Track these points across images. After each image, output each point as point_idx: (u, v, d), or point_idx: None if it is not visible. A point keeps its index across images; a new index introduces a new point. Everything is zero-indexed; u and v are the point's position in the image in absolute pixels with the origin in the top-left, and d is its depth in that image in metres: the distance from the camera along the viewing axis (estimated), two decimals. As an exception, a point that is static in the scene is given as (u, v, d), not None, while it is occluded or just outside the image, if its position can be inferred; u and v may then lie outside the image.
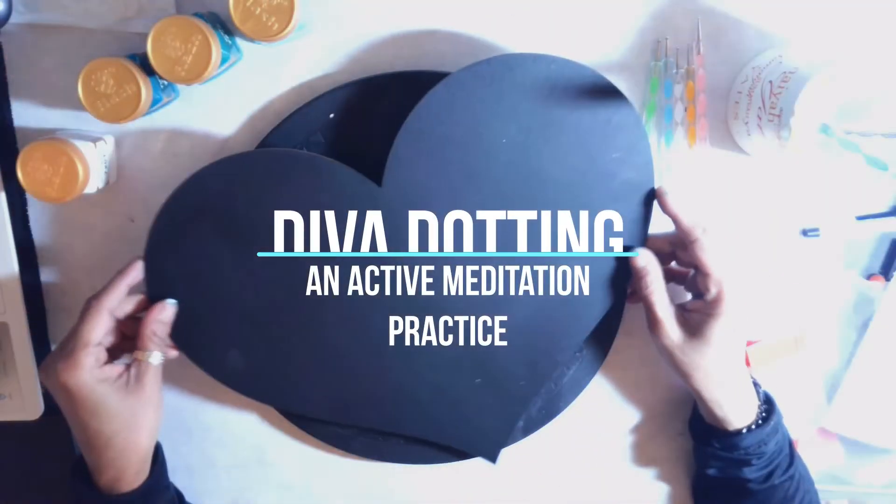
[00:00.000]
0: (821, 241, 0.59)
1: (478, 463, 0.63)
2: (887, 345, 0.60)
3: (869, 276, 0.60)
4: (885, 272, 0.60)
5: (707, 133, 0.56)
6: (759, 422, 0.55)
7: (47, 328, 0.61)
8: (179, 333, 0.56)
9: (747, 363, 0.61)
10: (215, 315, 0.56)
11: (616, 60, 0.55)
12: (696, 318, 0.54)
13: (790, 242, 0.59)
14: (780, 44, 0.54)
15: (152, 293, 0.55)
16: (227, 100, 0.57)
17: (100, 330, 0.51)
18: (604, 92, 0.53)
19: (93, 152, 0.53)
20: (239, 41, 0.55)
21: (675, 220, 0.53)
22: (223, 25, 0.53)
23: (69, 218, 0.59)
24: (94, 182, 0.54)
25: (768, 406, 0.56)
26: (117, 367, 0.53)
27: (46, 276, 0.60)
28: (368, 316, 0.57)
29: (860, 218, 0.58)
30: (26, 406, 0.60)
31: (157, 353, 0.53)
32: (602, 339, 0.60)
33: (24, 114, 0.57)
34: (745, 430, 0.55)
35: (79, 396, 0.50)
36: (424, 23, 0.55)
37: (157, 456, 0.57)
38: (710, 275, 0.52)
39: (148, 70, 0.50)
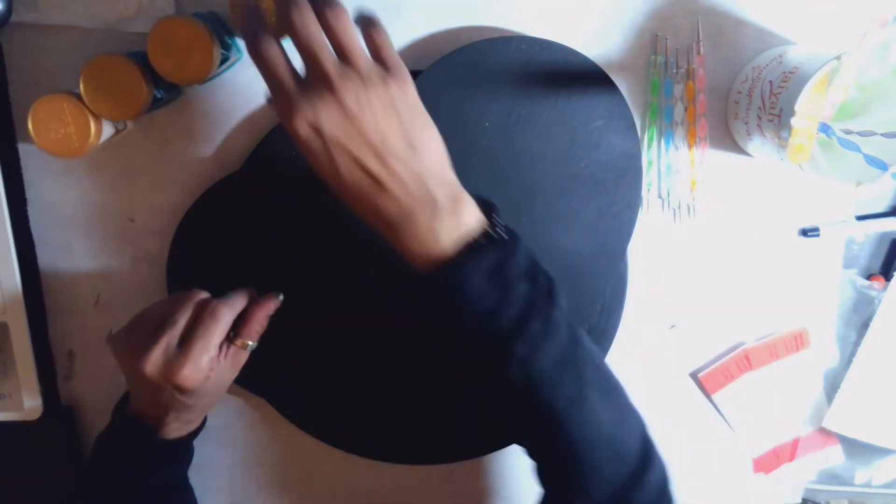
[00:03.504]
0: (820, 241, 0.59)
1: (475, 463, 0.63)
2: (887, 345, 0.60)
3: (869, 276, 0.60)
4: (885, 272, 0.60)
5: (707, 133, 0.56)
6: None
7: (47, 328, 0.61)
8: None
9: (749, 363, 0.61)
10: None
11: (617, 60, 0.55)
12: None
13: (790, 242, 0.59)
14: (780, 44, 0.54)
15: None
16: (227, 100, 0.56)
17: (222, 336, 0.52)
18: (577, 64, 0.54)
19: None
20: (239, 41, 0.55)
21: None
22: (223, 25, 0.53)
23: (69, 218, 0.59)
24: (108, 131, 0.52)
25: None
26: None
27: (46, 276, 0.60)
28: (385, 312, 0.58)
29: (860, 218, 0.58)
30: (26, 406, 0.60)
31: (254, 342, 0.54)
32: (604, 337, 0.59)
33: (25, 113, 0.56)
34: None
35: (188, 390, 0.51)
36: (424, 23, 0.55)
37: None
38: None
39: (148, 70, 0.50)
